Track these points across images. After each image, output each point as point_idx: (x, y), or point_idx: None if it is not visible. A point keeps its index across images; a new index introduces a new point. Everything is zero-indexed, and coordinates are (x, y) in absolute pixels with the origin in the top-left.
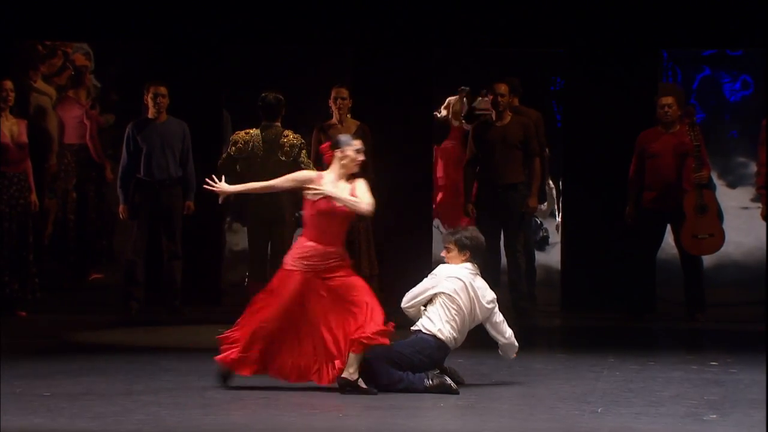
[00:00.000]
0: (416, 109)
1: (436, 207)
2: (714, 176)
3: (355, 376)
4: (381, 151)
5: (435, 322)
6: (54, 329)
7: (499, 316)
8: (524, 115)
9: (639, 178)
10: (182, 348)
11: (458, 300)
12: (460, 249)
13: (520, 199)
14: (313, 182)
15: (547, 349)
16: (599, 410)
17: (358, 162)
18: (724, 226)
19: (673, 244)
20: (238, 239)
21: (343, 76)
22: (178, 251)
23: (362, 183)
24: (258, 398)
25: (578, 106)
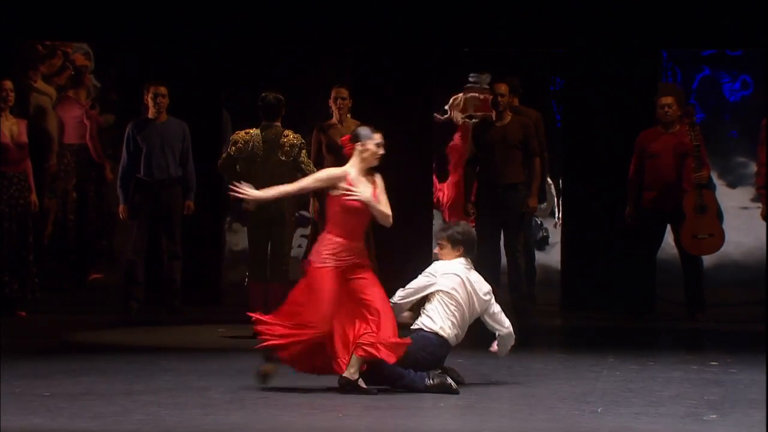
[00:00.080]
0: (416, 109)
1: (444, 204)
2: (714, 176)
3: (355, 376)
4: None
5: (435, 320)
6: (54, 329)
7: (496, 307)
8: (524, 115)
9: (639, 178)
10: (182, 348)
11: (456, 296)
12: (453, 245)
13: (520, 199)
14: (342, 180)
15: (547, 349)
16: (599, 410)
17: (378, 156)
18: (723, 226)
19: (672, 244)
20: (238, 239)
21: (343, 76)
22: (178, 251)
23: (383, 191)
24: (258, 398)
25: (578, 106)
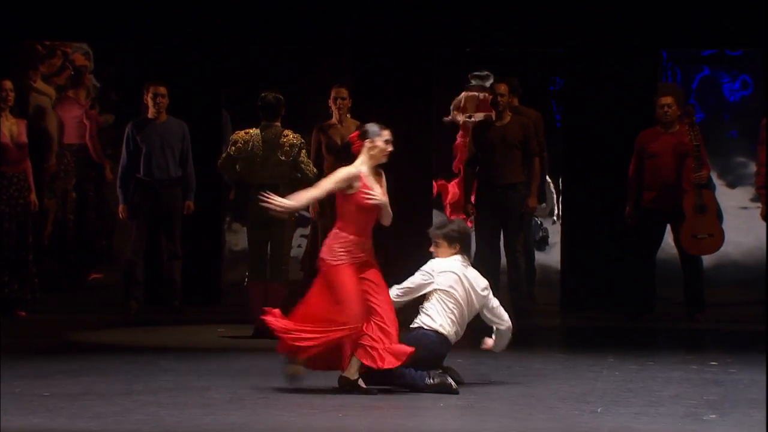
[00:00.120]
0: (416, 109)
1: (449, 202)
2: (713, 176)
3: (355, 376)
4: None
5: (435, 319)
6: (53, 329)
7: (495, 301)
8: (524, 115)
9: (638, 178)
10: (182, 348)
11: (454, 293)
12: (450, 242)
13: (519, 199)
14: (358, 180)
15: (547, 349)
16: (599, 410)
17: (387, 153)
18: (723, 226)
19: (672, 244)
20: (238, 239)
21: (342, 76)
22: (178, 251)
23: (385, 189)
24: (257, 398)
25: (578, 106)
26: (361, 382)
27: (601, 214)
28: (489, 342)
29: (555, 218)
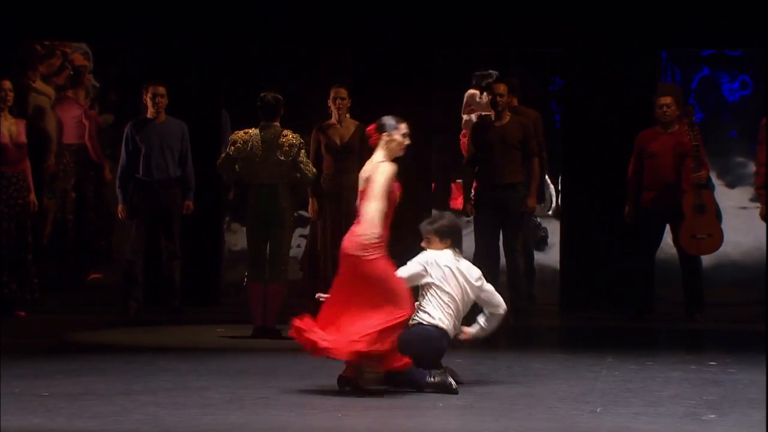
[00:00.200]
0: (415, 109)
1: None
2: (713, 176)
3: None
4: None
5: (433, 314)
6: (53, 329)
7: (489, 287)
8: (523, 115)
9: (638, 178)
10: (181, 348)
11: (448, 288)
12: (441, 237)
13: (518, 199)
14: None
15: (546, 349)
16: (598, 410)
17: (404, 146)
18: (722, 226)
19: (671, 244)
20: (237, 239)
21: (342, 76)
22: (177, 251)
23: None
24: (257, 398)
25: (577, 106)
26: (360, 382)
27: (601, 214)
28: (469, 330)
29: (550, 212)
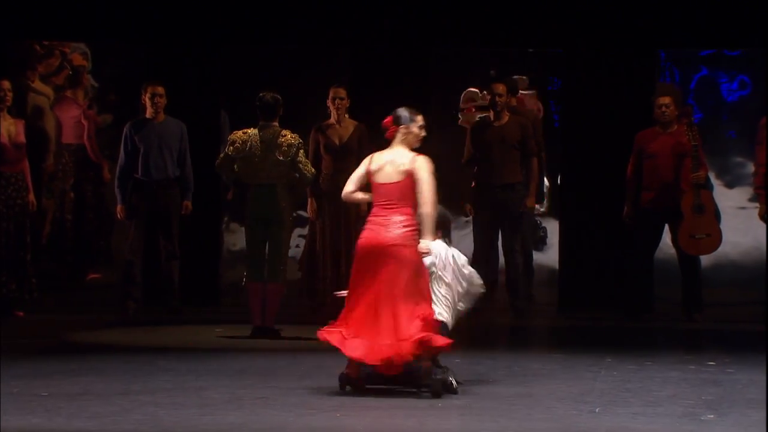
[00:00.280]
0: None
1: None
2: (711, 176)
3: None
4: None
5: (432, 309)
6: (52, 329)
7: (470, 268)
8: (522, 115)
9: (637, 178)
10: (180, 348)
11: (446, 278)
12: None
13: (517, 198)
14: None
15: (545, 349)
16: (597, 410)
17: (420, 138)
18: (721, 226)
19: (670, 244)
20: (236, 239)
21: (341, 76)
22: (176, 251)
23: None
24: (255, 398)
25: (576, 106)
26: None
27: (600, 215)
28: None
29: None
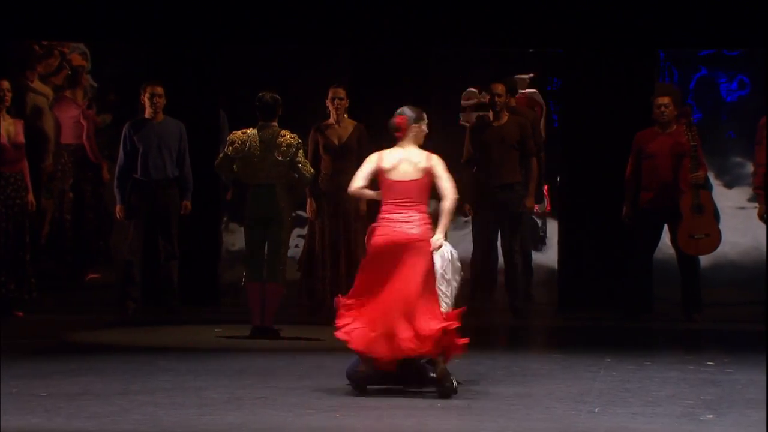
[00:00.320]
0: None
1: None
2: (711, 176)
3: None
4: (378, 151)
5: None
6: (51, 329)
7: (458, 261)
8: (521, 115)
9: (636, 178)
10: (179, 348)
11: (446, 275)
12: None
13: (517, 198)
14: None
15: (544, 349)
16: (596, 410)
17: (424, 136)
18: (720, 226)
19: (669, 244)
20: (235, 239)
21: (340, 76)
22: (175, 251)
23: None
24: (255, 398)
25: (575, 106)
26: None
27: (599, 215)
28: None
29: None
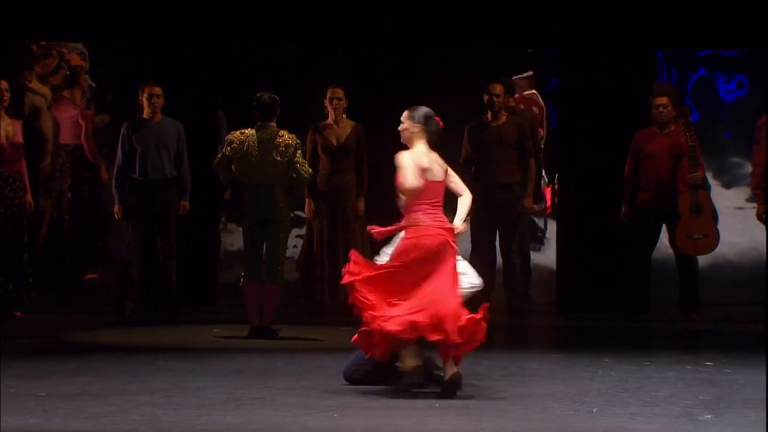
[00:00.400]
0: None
1: None
2: (709, 176)
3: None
4: (376, 151)
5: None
6: (49, 329)
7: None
8: (519, 115)
9: (634, 178)
10: (178, 348)
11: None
12: None
13: (515, 199)
14: None
15: (543, 349)
16: (594, 410)
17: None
18: (718, 226)
19: (668, 244)
20: (234, 239)
21: (338, 77)
22: (173, 251)
23: None
24: (253, 398)
25: (573, 107)
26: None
27: (597, 215)
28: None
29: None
